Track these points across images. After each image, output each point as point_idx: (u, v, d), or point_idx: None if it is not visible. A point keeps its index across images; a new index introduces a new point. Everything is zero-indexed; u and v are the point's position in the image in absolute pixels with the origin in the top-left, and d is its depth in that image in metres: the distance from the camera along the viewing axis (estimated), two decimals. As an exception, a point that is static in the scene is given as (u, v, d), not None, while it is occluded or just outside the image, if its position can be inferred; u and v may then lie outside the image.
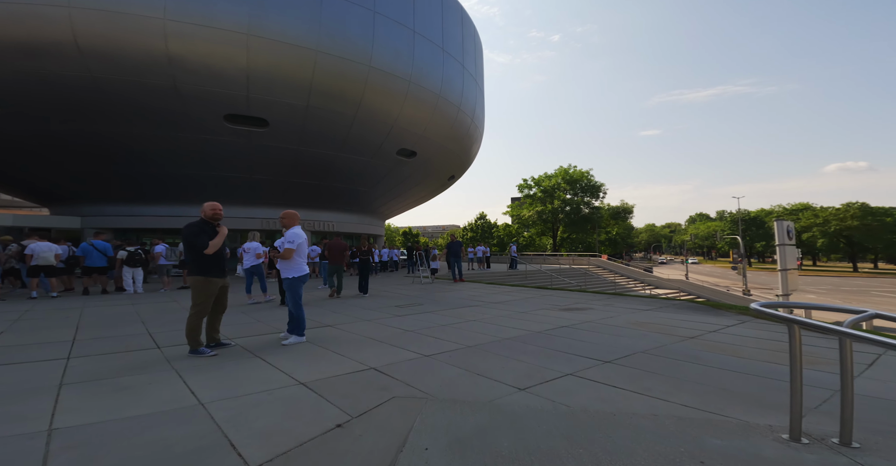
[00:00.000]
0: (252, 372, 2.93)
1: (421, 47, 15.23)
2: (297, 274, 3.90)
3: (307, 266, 4.08)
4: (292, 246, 3.89)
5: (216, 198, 15.28)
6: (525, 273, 15.38)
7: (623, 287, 17.51)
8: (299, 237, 3.90)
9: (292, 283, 3.89)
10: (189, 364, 3.11)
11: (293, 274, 3.91)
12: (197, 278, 3.45)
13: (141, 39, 9.46)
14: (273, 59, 11.34)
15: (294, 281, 3.89)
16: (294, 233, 3.89)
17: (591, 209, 37.40)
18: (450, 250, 11.80)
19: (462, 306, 6.51)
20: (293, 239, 3.87)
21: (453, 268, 11.63)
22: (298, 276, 3.91)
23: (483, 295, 8.09)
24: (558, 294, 8.19)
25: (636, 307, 6.22)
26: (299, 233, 3.91)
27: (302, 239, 3.94)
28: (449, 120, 17.76)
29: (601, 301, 7.05)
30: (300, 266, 3.94)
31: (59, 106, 9.98)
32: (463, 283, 10.93)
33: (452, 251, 11.78)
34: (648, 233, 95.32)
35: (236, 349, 3.60)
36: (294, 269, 3.91)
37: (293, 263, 3.90)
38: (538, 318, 5.24)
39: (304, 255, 4.01)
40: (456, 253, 11.65)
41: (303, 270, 3.97)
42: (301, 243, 3.93)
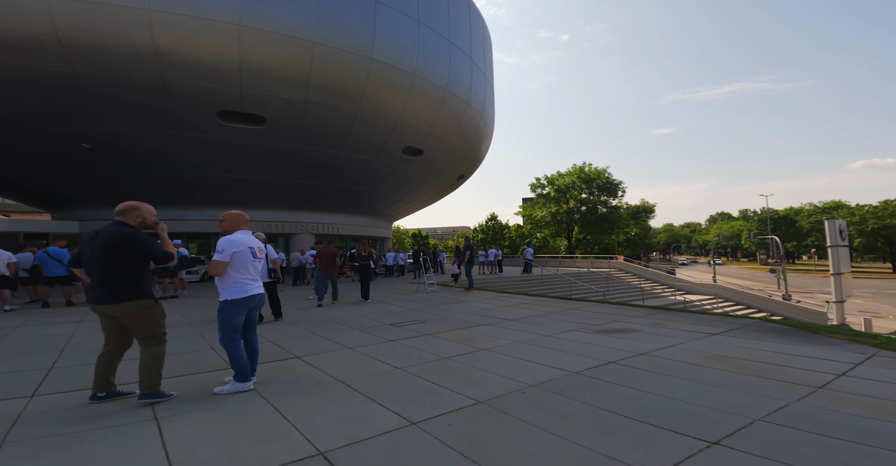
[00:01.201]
0: (116, 452, 1.91)
1: (426, 38, 14.30)
2: (232, 296, 2.80)
3: (258, 284, 2.96)
4: (220, 258, 2.79)
5: (213, 201, 14.68)
6: (541, 278, 14.12)
7: (651, 293, 16.01)
8: (235, 244, 2.83)
9: (224, 309, 2.81)
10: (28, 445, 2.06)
11: (227, 295, 2.82)
12: (147, 301, 2.61)
13: (125, 32, 8.81)
14: (267, 51, 10.57)
15: (227, 305, 2.80)
16: (228, 240, 2.85)
17: (609, 209, 35.44)
18: (461, 255, 10.65)
19: (471, 325, 5.41)
20: (224, 247, 2.81)
21: (469, 275, 10.53)
22: (234, 300, 2.80)
23: (496, 308, 6.96)
24: (586, 307, 6.95)
25: (696, 328, 4.92)
26: (236, 240, 2.86)
27: (240, 248, 2.84)
28: (457, 116, 16.76)
29: (644, 318, 5.75)
30: (240, 284, 2.82)
31: (42, 105, 9.44)
32: (472, 292, 9.78)
33: (462, 256, 10.67)
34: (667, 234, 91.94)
35: (131, 400, 2.60)
36: (229, 289, 2.82)
37: (227, 280, 2.83)
38: (570, 346, 4.05)
39: (246, 269, 2.88)
40: (468, 258, 10.54)
41: (243, 291, 2.83)
42: (239, 253, 2.83)
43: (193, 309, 7.18)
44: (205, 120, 11.28)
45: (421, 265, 10.41)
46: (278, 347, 4.20)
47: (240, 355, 2.80)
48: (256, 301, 2.97)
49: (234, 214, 3.08)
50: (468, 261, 10.46)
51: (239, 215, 3.10)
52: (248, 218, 3.18)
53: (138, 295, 2.58)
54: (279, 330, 5.11)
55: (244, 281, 2.88)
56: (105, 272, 2.51)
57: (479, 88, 18.16)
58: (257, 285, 2.98)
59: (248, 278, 2.90)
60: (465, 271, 10.61)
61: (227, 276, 2.85)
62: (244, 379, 2.79)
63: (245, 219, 3.13)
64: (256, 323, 3.11)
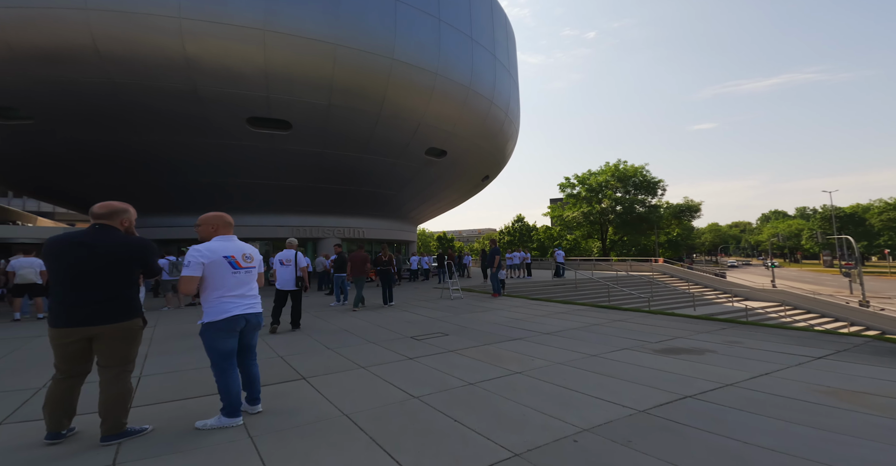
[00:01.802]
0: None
1: (447, 37, 13.90)
2: (210, 318, 2.32)
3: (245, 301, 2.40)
4: (188, 272, 2.27)
5: (244, 206, 15.05)
6: (575, 282, 13.06)
7: (703, 299, 14.35)
8: (204, 255, 2.30)
9: (203, 333, 2.34)
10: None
11: (205, 316, 2.34)
12: (137, 321, 2.27)
13: (158, 40, 9.12)
14: (291, 55, 10.62)
15: (206, 329, 2.32)
16: (197, 250, 2.33)
17: (648, 208, 32.85)
18: (486, 259, 9.99)
19: (500, 339, 4.77)
20: (191, 259, 2.29)
21: (495, 280, 9.75)
22: (212, 322, 2.31)
23: (528, 318, 6.25)
24: (635, 318, 6.03)
25: (790, 349, 3.96)
26: (207, 250, 2.33)
27: (212, 259, 2.31)
28: (480, 115, 16.19)
29: (714, 334, 4.77)
30: (217, 303, 2.32)
31: (84, 117, 9.97)
32: (499, 299, 9.07)
33: (489, 260, 9.92)
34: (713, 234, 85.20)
35: (86, 436, 2.17)
36: (207, 310, 2.34)
37: (205, 299, 2.33)
38: (627, 372, 3.25)
39: (223, 284, 2.35)
40: (493, 262, 9.81)
41: (222, 311, 2.32)
42: (211, 265, 2.30)
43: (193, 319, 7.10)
44: (235, 126, 11.51)
45: (445, 269, 9.85)
46: (286, 364, 3.82)
47: (229, 386, 2.34)
48: (244, 323, 2.43)
49: (211, 217, 2.52)
50: (497, 266, 9.74)
51: (217, 217, 2.53)
52: (232, 221, 2.60)
53: (138, 311, 2.26)
54: (292, 343, 4.78)
55: (222, 299, 2.35)
56: (114, 285, 2.14)
57: (503, 86, 17.49)
58: (244, 303, 2.42)
59: (228, 295, 2.36)
60: (490, 276, 9.93)
61: (204, 294, 2.36)
62: (232, 414, 2.34)
63: (226, 221, 2.55)
64: (254, 346, 2.61)
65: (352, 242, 19.15)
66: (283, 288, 5.73)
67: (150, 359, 4.04)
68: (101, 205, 2.27)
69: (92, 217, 2.27)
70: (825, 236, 39.45)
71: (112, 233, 2.22)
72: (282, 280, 5.74)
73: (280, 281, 5.74)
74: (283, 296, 5.77)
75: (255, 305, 2.52)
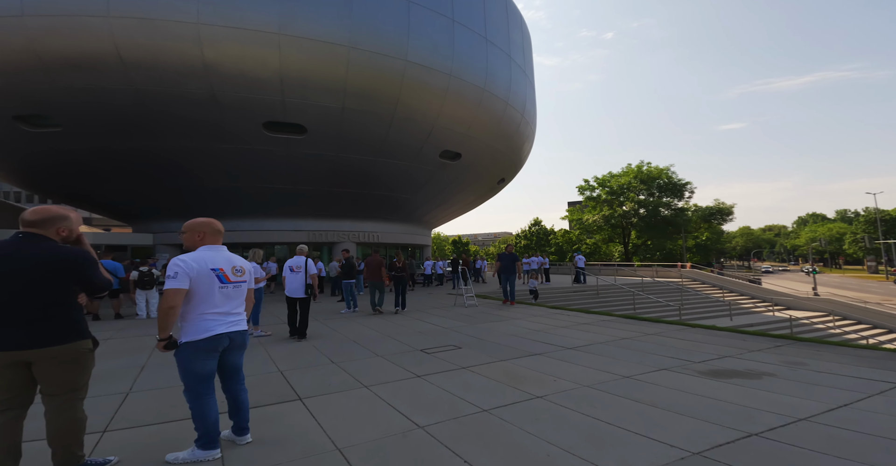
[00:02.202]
0: None
1: (461, 37, 13.68)
2: (188, 337, 2.05)
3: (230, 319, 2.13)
4: (174, 284, 1.99)
5: (264, 211, 15.20)
6: (596, 288, 12.35)
7: (740, 307, 13.25)
8: (190, 266, 2.04)
9: (178, 353, 2.06)
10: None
11: (182, 335, 2.07)
12: (90, 341, 1.98)
13: (177, 47, 9.29)
14: (305, 58, 10.65)
15: (183, 349, 2.05)
16: (182, 260, 2.06)
17: (674, 211, 31.08)
18: (502, 264, 9.47)
19: (518, 354, 4.35)
20: (177, 269, 2.02)
21: (505, 287, 9.36)
22: (191, 342, 2.04)
23: (548, 329, 5.77)
24: (671, 332, 5.42)
25: (868, 374, 3.36)
26: (192, 261, 2.07)
27: (198, 271, 2.04)
28: (496, 116, 15.83)
29: (769, 352, 4.13)
30: (199, 321, 2.05)
31: (108, 123, 10.29)
32: (516, 307, 8.58)
33: (505, 265, 9.43)
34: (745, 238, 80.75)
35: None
36: (185, 327, 2.08)
37: (184, 314, 2.06)
38: (672, 401, 2.74)
39: (210, 299, 2.07)
40: (508, 268, 9.35)
41: (203, 330, 2.05)
42: (198, 278, 2.04)
43: None
44: (252, 131, 11.64)
45: (459, 275, 9.48)
46: (284, 381, 3.54)
47: (205, 413, 2.05)
48: (227, 342, 2.15)
49: (198, 223, 2.24)
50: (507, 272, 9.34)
51: (205, 224, 2.25)
52: (222, 228, 2.31)
53: (85, 333, 1.96)
54: (296, 355, 4.53)
55: (206, 316, 2.06)
56: (47, 303, 1.85)
57: (519, 87, 17.09)
58: (228, 320, 2.14)
59: (214, 312, 2.08)
60: (500, 281, 9.52)
61: (184, 309, 2.07)
62: (208, 446, 2.05)
63: (214, 229, 2.27)
64: (240, 368, 2.32)
65: (366, 247, 19.07)
66: (292, 296, 5.59)
67: (145, 372, 3.88)
68: (32, 210, 1.95)
69: (21, 224, 1.95)
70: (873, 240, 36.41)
71: (42, 242, 1.88)
72: (291, 287, 5.60)
73: (289, 288, 5.61)
74: (292, 304, 5.63)
75: (240, 322, 2.24)
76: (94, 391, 3.12)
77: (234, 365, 2.26)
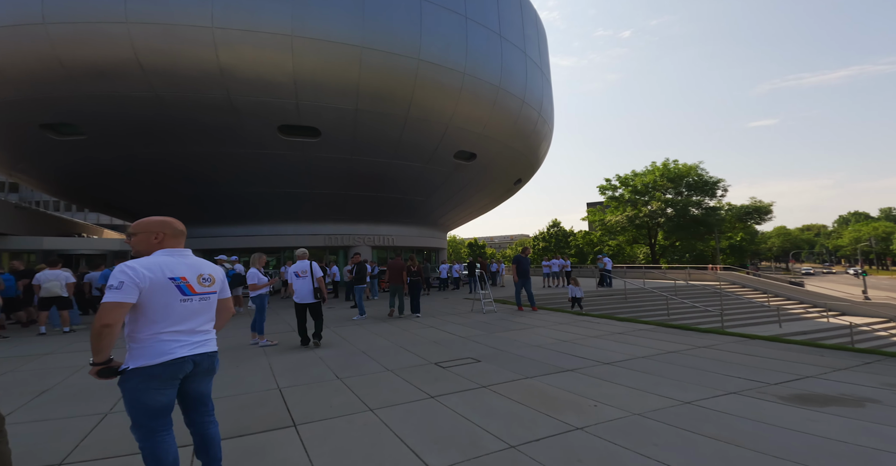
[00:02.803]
0: None
1: (475, 34, 13.34)
2: (138, 362, 1.60)
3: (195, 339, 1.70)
4: (115, 297, 1.53)
5: (283, 215, 15.20)
6: (624, 292, 11.48)
7: (789, 313, 11.97)
8: (140, 276, 1.59)
9: (124, 382, 1.61)
10: None
11: (130, 359, 1.62)
12: None
13: (193, 51, 9.40)
14: (318, 60, 10.57)
15: (130, 377, 1.60)
16: (130, 267, 1.61)
17: (705, 210, 29.07)
18: (519, 267, 8.77)
19: (548, 369, 3.80)
20: (123, 278, 1.57)
21: (519, 292, 8.69)
22: (141, 368, 1.60)
23: (577, 339, 5.19)
24: (729, 344, 4.60)
25: None
26: (142, 268, 1.62)
27: (151, 281, 1.61)
28: (512, 115, 15.34)
29: (860, 371, 3.50)
30: (153, 342, 1.62)
31: (130, 130, 10.51)
32: (539, 314, 7.96)
33: (522, 268, 8.74)
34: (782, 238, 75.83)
35: None
36: (133, 349, 1.63)
37: (132, 334, 1.63)
38: (762, 438, 2.13)
39: (167, 315, 1.65)
40: (526, 272, 8.68)
41: (159, 352, 1.61)
42: (150, 289, 1.61)
43: None
44: (267, 135, 11.65)
45: (476, 279, 8.96)
46: (281, 401, 3.14)
47: (160, 457, 1.62)
48: (191, 366, 1.71)
49: (153, 223, 1.78)
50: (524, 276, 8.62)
51: (161, 224, 1.79)
52: (184, 229, 1.86)
53: None
54: (300, 368, 4.15)
55: (163, 335, 1.63)
56: None
57: (535, 84, 16.55)
58: (194, 341, 1.71)
59: (173, 331, 1.66)
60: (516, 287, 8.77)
61: (132, 327, 1.63)
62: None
63: (175, 229, 1.82)
64: (208, 396, 1.86)
65: (382, 250, 18.87)
66: (302, 302, 5.30)
67: None
68: None
69: None
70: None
71: None
72: (300, 293, 5.29)
73: (298, 294, 5.30)
74: (302, 311, 5.34)
75: (207, 343, 1.80)
76: (64, 411, 2.80)
77: (199, 395, 1.81)
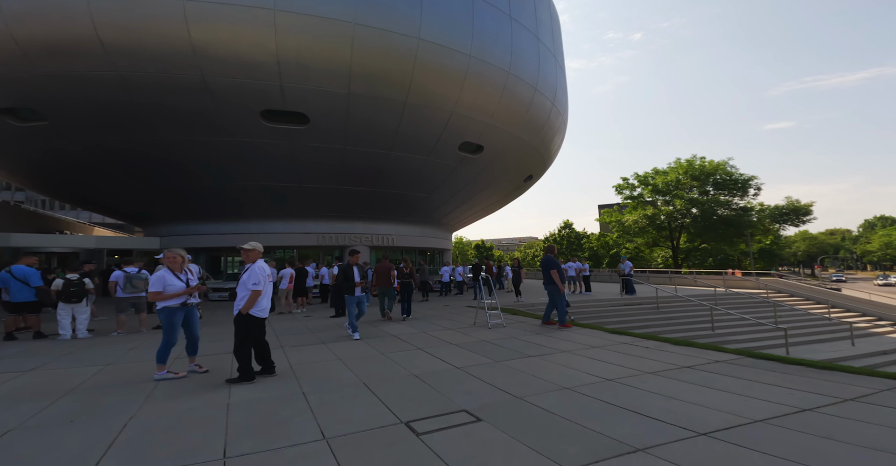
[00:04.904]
0: None
1: (482, 13, 12.09)
2: None
3: None
4: None
5: (271, 212, 13.88)
6: (656, 301, 9.89)
7: (857, 328, 10.14)
8: None
9: None
10: None
11: None
12: None
13: (161, 27, 8.36)
14: (304, 37, 9.42)
15: None
16: None
17: (736, 211, 26.53)
18: (546, 268, 6.74)
19: (596, 450, 2.26)
20: None
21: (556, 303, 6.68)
22: None
23: (629, 376, 3.73)
24: (880, 394, 3.14)
25: None
26: None
27: None
28: (523, 103, 14.02)
29: None
30: None
31: (94, 114, 9.58)
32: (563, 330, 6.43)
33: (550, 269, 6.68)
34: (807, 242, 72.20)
35: None
36: None
37: None
38: None
39: None
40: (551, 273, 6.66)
41: None
42: None
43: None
44: (249, 122, 10.56)
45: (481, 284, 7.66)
46: None
47: None
48: None
49: None
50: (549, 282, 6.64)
51: None
52: None
53: None
54: (176, 427, 2.70)
55: None
56: None
57: (549, 71, 15.19)
58: None
59: None
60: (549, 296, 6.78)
61: None
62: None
63: None
64: None
65: (381, 250, 17.69)
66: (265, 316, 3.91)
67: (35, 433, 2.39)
68: None
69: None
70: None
71: None
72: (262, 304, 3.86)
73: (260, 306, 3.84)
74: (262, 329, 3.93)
75: None
76: None
77: None
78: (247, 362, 3.74)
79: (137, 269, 6.97)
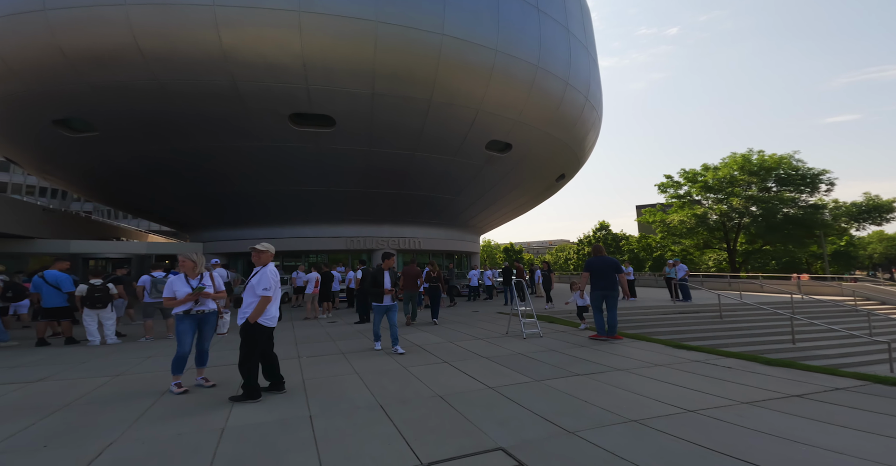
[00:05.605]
0: None
1: (507, 6, 11.63)
2: None
3: None
4: None
5: (301, 216, 13.84)
6: (718, 309, 8.56)
7: None
8: None
9: None
10: None
11: None
12: None
13: (194, 33, 8.69)
14: (328, 38, 9.42)
15: None
16: None
17: (805, 209, 23.28)
18: (594, 272, 5.81)
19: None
20: None
21: (599, 313, 5.80)
22: None
23: (716, 407, 2.91)
24: None
25: None
26: None
27: None
28: (554, 99, 13.27)
29: None
30: None
31: (138, 122, 10.11)
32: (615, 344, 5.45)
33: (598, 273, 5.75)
34: (884, 244, 63.25)
35: None
36: None
37: None
38: None
39: None
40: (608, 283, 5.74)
41: None
42: None
43: None
44: (278, 126, 10.72)
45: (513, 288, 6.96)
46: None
47: None
48: None
49: None
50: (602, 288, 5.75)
51: None
52: None
53: None
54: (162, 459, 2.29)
55: None
56: None
57: (581, 64, 14.33)
58: None
59: None
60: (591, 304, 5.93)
61: None
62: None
63: None
64: None
65: (407, 254, 17.40)
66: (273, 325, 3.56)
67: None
68: None
69: None
70: None
71: None
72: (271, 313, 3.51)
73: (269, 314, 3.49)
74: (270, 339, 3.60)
75: None
76: None
77: None
78: (252, 378, 3.36)
79: (164, 274, 6.93)
